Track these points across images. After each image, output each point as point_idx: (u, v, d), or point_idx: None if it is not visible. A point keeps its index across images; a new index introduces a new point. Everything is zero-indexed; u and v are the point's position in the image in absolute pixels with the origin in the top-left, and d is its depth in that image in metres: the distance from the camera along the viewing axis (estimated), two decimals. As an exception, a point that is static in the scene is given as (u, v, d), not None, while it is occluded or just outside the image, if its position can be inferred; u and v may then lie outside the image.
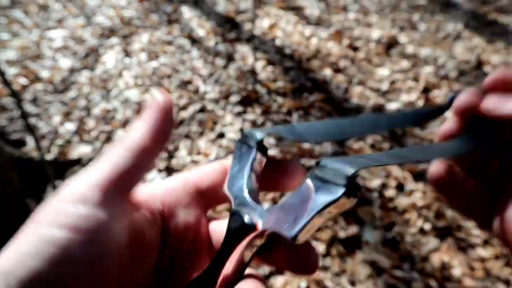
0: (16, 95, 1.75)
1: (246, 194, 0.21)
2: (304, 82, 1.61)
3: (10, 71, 1.69)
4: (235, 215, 0.21)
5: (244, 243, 0.19)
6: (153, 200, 0.23)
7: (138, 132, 0.20)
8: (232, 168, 0.24)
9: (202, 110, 1.55)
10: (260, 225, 0.20)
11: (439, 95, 1.58)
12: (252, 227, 0.20)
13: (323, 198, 0.17)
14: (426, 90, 1.59)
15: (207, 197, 0.24)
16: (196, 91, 1.61)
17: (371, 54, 1.67)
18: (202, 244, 0.24)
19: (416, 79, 1.65)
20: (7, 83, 1.68)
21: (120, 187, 0.19)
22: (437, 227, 1.17)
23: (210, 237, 0.24)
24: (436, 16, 1.92)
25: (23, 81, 1.68)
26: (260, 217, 0.20)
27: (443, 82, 1.63)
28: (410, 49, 1.73)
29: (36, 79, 1.68)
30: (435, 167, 0.27)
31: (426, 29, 1.84)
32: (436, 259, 1.08)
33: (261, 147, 0.24)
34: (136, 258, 0.20)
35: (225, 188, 0.23)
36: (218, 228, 0.24)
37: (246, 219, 0.20)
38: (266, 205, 1.24)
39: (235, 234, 0.20)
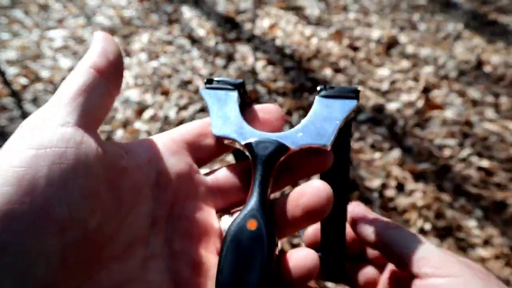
0: (16, 95, 1.75)
1: (252, 128, 0.23)
2: (304, 82, 1.61)
3: (10, 71, 1.70)
4: (258, 145, 0.22)
5: (278, 163, 0.22)
6: (138, 149, 0.22)
7: (88, 55, 0.21)
8: (213, 112, 0.24)
9: (203, 110, 1.55)
10: (291, 145, 0.22)
11: (439, 95, 1.58)
12: (286, 148, 0.21)
13: (341, 109, 0.22)
14: (426, 90, 1.59)
15: (195, 148, 0.24)
16: (197, 91, 1.61)
17: (371, 54, 1.67)
18: (199, 190, 0.23)
19: (416, 79, 1.65)
20: (7, 83, 1.69)
21: (80, 106, 0.19)
22: (437, 227, 1.17)
23: (206, 182, 0.24)
24: (436, 16, 1.92)
25: (23, 81, 1.68)
26: (286, 139, 0.22)
27: (443, 82, 1.63)
28: (410, 49, 1.73)
29: (37, 79, 1.68)
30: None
31: (426, 29, 1.84)
32: (436, 259, 1.08)
33: (240, 91, 0.25)
34: (123, 201, 0.19)
35: (216, 131, 0.23)
36: (219, 175, 0.24)
37: (278, 143, 0.22)
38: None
39: (269, 159, 0.21)
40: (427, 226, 1.19)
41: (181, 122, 1.50)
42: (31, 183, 0.15)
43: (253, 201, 0.20)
